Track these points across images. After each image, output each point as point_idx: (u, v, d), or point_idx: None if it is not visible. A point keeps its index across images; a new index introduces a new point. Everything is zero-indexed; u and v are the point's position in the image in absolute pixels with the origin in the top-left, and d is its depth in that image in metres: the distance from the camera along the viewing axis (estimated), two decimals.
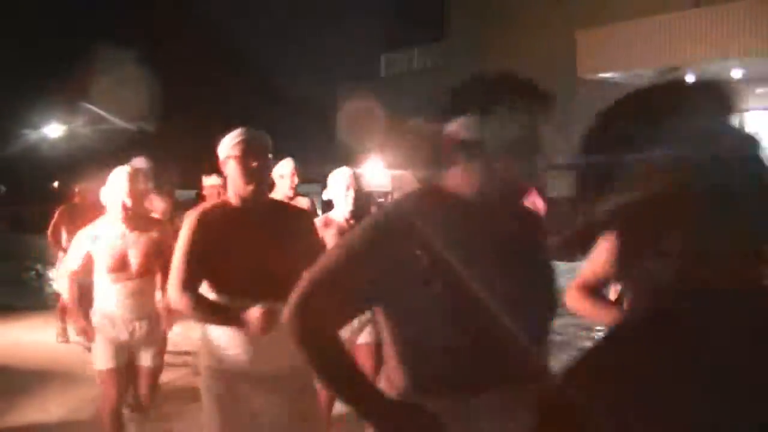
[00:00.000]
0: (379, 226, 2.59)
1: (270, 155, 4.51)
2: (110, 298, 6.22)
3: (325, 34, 37.00)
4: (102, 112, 44.58)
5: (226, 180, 4.54)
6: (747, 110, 23.03)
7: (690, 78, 20.15)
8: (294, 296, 2.54)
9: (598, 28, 22.30)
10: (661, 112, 1.59)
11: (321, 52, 36.74)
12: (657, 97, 1.68)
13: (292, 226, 4.48)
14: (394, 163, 16.88)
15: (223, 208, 4.50)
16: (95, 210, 7.11)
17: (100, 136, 46.41)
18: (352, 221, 6.58)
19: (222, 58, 46.80)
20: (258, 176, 4.38)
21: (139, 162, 8.44)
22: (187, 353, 9.49)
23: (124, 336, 6.23)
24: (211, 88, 45.26)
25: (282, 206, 4.77)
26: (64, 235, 11.38)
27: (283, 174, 7.70)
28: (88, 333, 6.36)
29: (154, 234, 6.41)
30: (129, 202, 6.18)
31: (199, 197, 10.11)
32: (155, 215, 7.96)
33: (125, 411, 6.53)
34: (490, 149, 2.51)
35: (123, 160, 7.45)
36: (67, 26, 56.75)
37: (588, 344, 9.26)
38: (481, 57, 29.21)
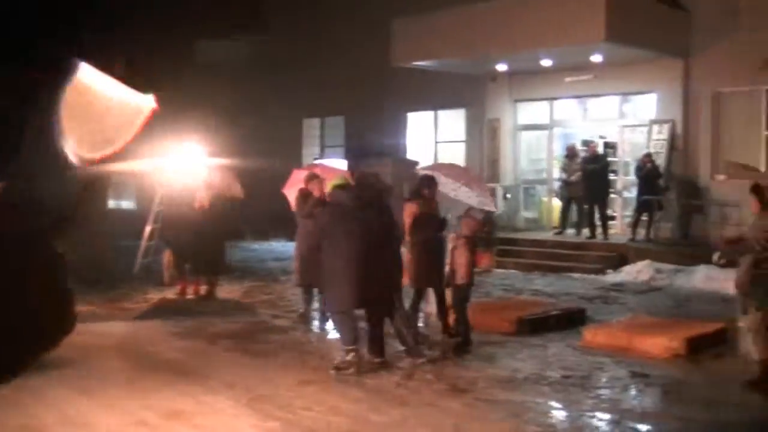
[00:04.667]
0: None
1: None
2: None
3: (135, 19, 35.80)
4: None
5: None
6: (556, 98, 23.66)
7: (502, 67, 20.67)
8: None
9: (413, 17, 22.39)
10: None
11: (131, 39, 35.54)
12: None
13: None
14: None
15: None
16: None
17: None
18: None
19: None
20: None
21: None
22: None
23: None
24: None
25: None
26: None
27: None
28: None
29: None
30: None
31: None
32: None
33: None
34: None
35: None
36: None
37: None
38: (298, 46, 29.04)
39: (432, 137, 26.79)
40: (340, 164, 25.34)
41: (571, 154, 21.76)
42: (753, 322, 9.34)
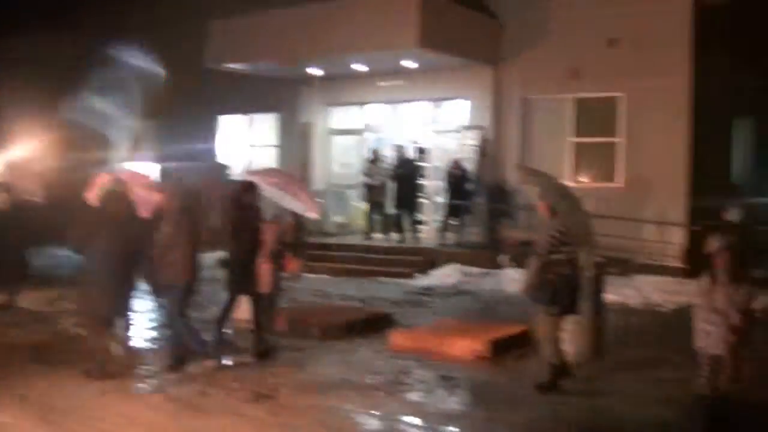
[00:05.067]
0: None
1: None
2: None
3: None
4: None
5: None
6: (369, 103, 23.71)
7: (315, 71, 20.53)
8: None
9: (231, 19, 22.06)
10: None
11: None
12: None
13: None
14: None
15: None
16: None
17: None
18: None
19: None
20: None
21: None
22: None
23: None
24: None
25: None
26: None
27: None
28: None
29: None
30: None
31: None
32: None
33: None
34: None
35: None
36: None
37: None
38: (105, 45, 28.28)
39: (246, 141, 26.56)
40: (147, 168, 24.76)
41: (374, 157, 21.82)
42: (543, 327, 9.43)
